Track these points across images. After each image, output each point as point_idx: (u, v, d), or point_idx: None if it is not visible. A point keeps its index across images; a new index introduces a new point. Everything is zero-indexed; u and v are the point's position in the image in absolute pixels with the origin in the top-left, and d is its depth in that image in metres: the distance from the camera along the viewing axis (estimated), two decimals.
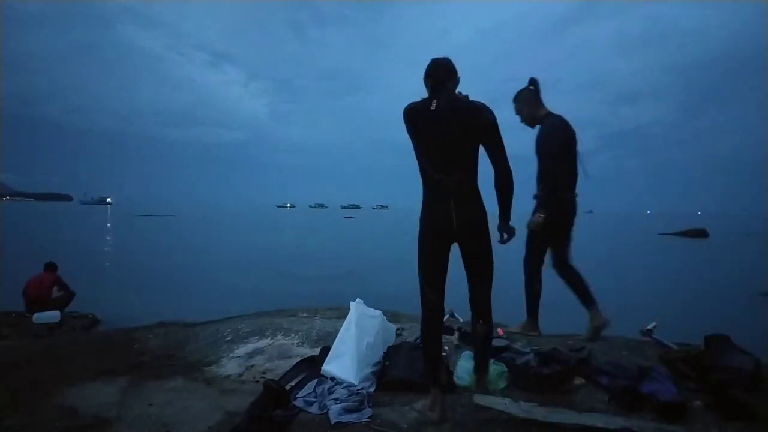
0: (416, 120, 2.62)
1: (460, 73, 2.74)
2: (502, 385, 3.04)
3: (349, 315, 3.29)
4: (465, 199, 2.60)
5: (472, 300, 2.78)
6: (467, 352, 3.29)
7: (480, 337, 2.76)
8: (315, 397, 2.89)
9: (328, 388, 2.92)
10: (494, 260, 2.75)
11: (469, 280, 2.77)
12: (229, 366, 3.44)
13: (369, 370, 3.00)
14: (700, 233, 42.45)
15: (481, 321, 2.73)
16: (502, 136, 2.61)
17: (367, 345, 3.07)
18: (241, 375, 3.30)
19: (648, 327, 4.05)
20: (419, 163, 2.68)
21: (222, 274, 16.49)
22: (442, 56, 2.74)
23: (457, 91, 2.71)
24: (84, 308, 9.00)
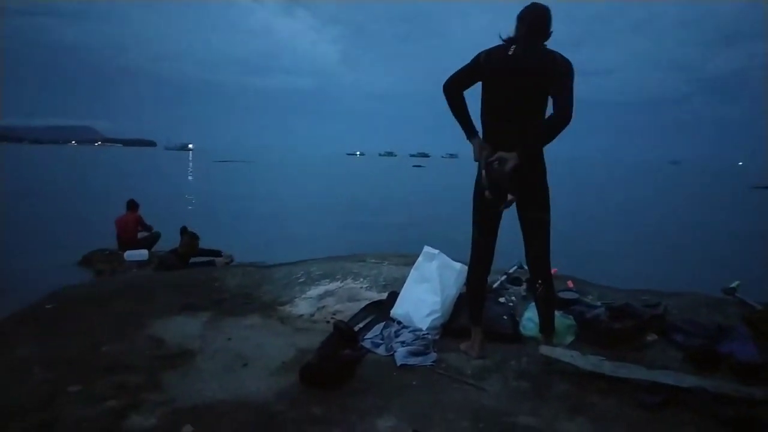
0: (490, 63, 2.54)
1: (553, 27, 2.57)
2: (570, 338, 3.00)
3: (426, 262, 3.29)
4: (525, 151, 2.48)
5: (529, 258, 2.75)
6: (533, 303, 3.26)
7: (541, 299, 2.73)
8: (382, 339, 2.99)
9: (395, 332, 3.01)
10: (552, 215, 2.66)
11: (524, 237, 2.71)
12: (302, 306, 3.60)
13: (440, 320, 3.04)
14: None
15: (540, 281, 2.69)
16: (573, 86, 2.43)
17: (444, 296, 3.09)
18: (312, 315, 3.46)
19: (731, 285, 3.83)
20: (483, 109, 2.61)
21: (294, 220, 17.09)
22: (544, 3, 2.57)
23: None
24: (168, 247, 9.61)
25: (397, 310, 3.24)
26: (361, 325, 3.18)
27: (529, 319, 3.11)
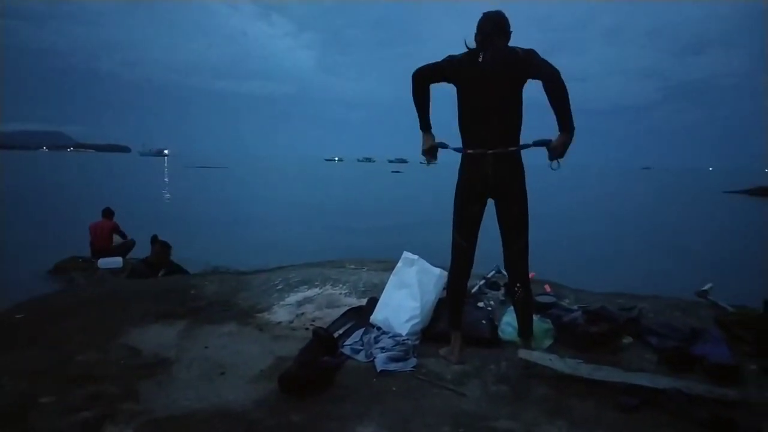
0: (461, 71, 2.62)
1: (512, 28, 2.66)
2: (547, 342, 3.03)
3: (405, 267, 3.29)
4: (504, 154, 2.59)
5: (507, 262, 2.78)
6: (512, 308, 3.28)
7: (520, 303, 2.76)
8: (361, 345, 2.97)
9: (375, 338, 3.00)
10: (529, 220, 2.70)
11: (503, 241, 2.75)
12: (280, 313, 3.56)
13: (419, 325, 3.04)
14: None
15: (518, 286, 2.72)
16: (543, 58, 2.48)
17: (424, 301, 3.09)
18: (291, 322, 3.42)
19: (704, 288, 3.91)
20: (462, 113, 2.69)
21: (272, 226, 16.96)
22: (494, 9, 2.67)
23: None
24: (144, 255, 9.43)
25: (377, 316, 3.23)
26: (340, 331, 3.17)
27: (508, 323, 3.13)
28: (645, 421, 2.22)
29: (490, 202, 2.72)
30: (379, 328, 3.14)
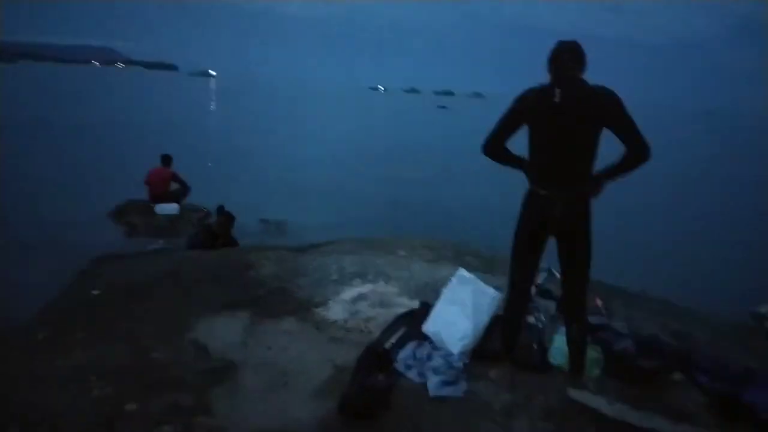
0: (535, 110, 2.55)
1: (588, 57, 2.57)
2: (596, 371, 3.09)
3: (460, 286, 3.35)
4: (574, 192, 2.56)
5: (566, 298, 2.82)
6: (564, 329, 3.34)
7: (575, 341, 2.81)
8: (414, 360, 3.11)
9: (427, 355, 3.13)
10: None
11: (563, 276, 2.78)
12: (336, 310, 3.73)
13: (471, 345, 3.15)
14: None
15: (575, 324, 2.77)
16: (630, 115, 2.46)
17: (476, 322, 3.18)
18: (346, 322, 3.59)
19: (759, 311, 3.87)
20: (534, 149, 2.62)
21: (316, 169, 17.06)
22: (570, 39, 2.57)
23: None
24: (199, 199, 9.73)
25: (430, 328, 3.35)
26: (393, 340, 3.31)
27: (558, 349, 3.19)
28: None
29: None
30: (431, 341, 3.27)
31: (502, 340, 2.97)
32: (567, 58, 2.52)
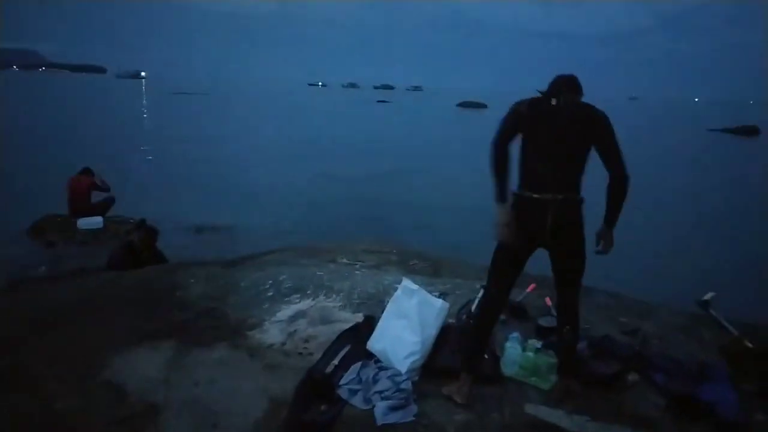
0: (532, 113, 2.52)
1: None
2: (552, 378, 2.92)
3: (405, 298, 3.11)
4: (566, 198, 2.48)
5: (561, 305, 2.74)
6: (515, 334, 3.17)
7: (565, 344, 2.74)
8: (359, 383, 2.85)
9: (373, 376, 2.87)
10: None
11: (557, 285, 2.70)
12: (272, 332, 3.41)
13: (420, 362, 2.92)
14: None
15: (568, 326, 2.68)
16: (616, 138, 2.49)
17: (425, 336, 2.95)
18: (284, 344, 3.28)
19: (704, 298, 3.84)
20: (526, 153, 2.55)
21: (253, 168, 16.51)
22: (567, 73, 2.59)
23: None
24: (123, 210, 9.09)
25: (375, 345, 3.10)
26: (335, 362, 3.03)
27: (511, 355, 3.01)
28: None
29: None
30: (376, 361, 3.03)
31: (464, 352, 2.81)
32: (563, 83, 2.55)
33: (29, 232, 8.36)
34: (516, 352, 3.01)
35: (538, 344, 3.08)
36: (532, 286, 3.91)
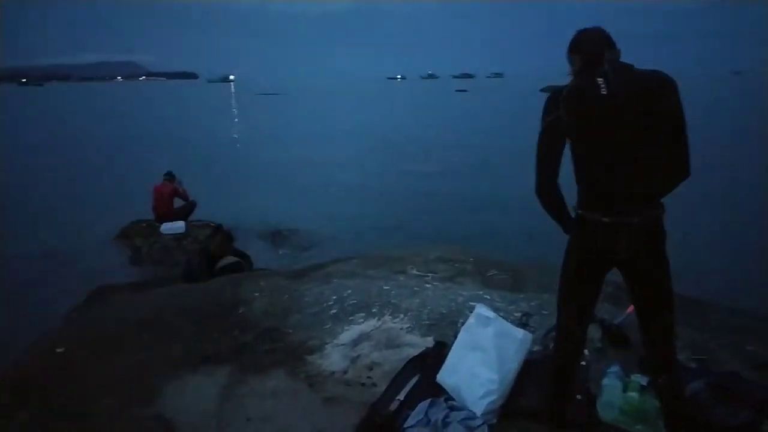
0: (578, 109, 1.90)
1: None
2: (662, 425, 2.38)
3: (479, 327, 2.69)
4: (642, 210, 1.91)
5: (648, 342, 2.12)
6: (615, 368, 2.65)
7: (666, 395, 2.14)
8: (426, 425, 2.48)
9: (443, 418, 2.48)
10: None
11: (641, 316, 2.10)
12: (333, 357, 3.12)
13: (498, 402, 2.49)
14: None
15: (664, 375, 2.09)
16: (683, 116, 1.88)
17: (503, 373, 2.52)
18: (345, 372, 2.97)
19: None
20: (577, 162, 1.98)
21: (338, 169, 16.50)
22: (591, 26, 2.00)
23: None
24: (204, 214, 9.29)
25: (446, 379, 2.70)
26: (400, 397, 2.67)
27: (609, 395, 2.50)
28: None
29: None
30: (447, 398, 2.63)
31: (547, 397, 2.29)
32: (597, 42, 1.95)
33: (118, 237, 8.75)
34: (616, 391, 2.50)
35: (644, 381, 2.55)
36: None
